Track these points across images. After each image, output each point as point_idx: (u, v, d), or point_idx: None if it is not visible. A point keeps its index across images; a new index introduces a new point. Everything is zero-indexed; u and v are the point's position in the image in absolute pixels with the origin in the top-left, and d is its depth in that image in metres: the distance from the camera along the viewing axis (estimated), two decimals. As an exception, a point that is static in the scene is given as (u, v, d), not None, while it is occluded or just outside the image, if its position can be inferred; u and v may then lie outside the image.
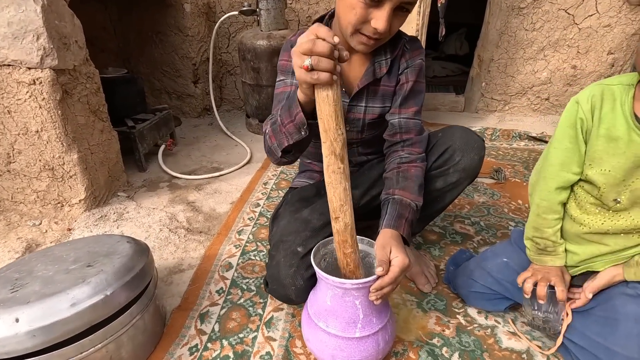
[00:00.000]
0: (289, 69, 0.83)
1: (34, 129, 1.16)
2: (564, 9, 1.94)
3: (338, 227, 0.64)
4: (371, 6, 0.66)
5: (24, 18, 1.05)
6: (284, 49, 0.85)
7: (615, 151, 0.63)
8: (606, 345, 0.67)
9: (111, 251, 0.76)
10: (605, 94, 0.64)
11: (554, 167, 0.70)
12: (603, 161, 0.65)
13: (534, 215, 0.76)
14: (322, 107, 0.55)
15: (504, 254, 0.87)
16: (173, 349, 0.80)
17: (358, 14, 0.67)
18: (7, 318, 0.59)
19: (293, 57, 0.55)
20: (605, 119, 0.64)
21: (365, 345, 0.69)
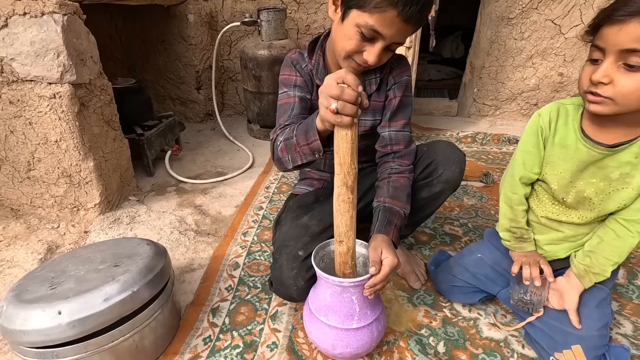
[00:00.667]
0: (290, 83, 0.92)
1: (54, 139, 1.25)
2: (551, 20, 2.04)
3: (341, 249, 0.73)
4: (365, 40, 0.75)
5: (46, 37, 1.14)
6: (284, 65, 0.93)
7: (565, 157, 0.75)
8: (562, 328, 0.78)
9: (133, 253, 0.85)
10: (561, 110, 0.75)
11: (519, 166, 0.81)
12: (556, 165, 0.77)
13: (507, 208, 0.86)
14: (340, 144, 0.63)
15: (478, 251, 0.97)
16: (189, 339, 0.89)
17: (353, 45, 0.76)
18: (51, 311, 0.68)
19: (321, 97, 0.63)
20: (559, 130, 0.75)
21: (361, 335, 0.78)
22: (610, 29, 0.60)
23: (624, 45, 0.59)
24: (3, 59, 1.15)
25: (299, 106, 0.89)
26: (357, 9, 0.71)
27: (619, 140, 0.70)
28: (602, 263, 0.77)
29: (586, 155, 0.73)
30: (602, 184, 0.74)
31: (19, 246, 1.23)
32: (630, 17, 0.57)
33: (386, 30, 0.72)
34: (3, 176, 1.35)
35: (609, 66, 0.61)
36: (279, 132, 0.84)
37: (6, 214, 1.39)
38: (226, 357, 0.85)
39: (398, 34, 0.74)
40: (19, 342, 0.70)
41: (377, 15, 0.70)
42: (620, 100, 0.62)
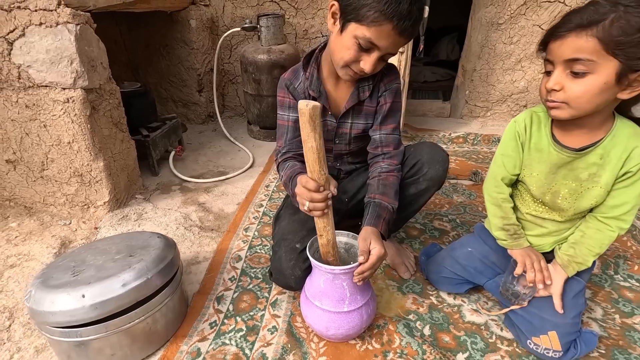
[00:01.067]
0: (285, 104, 1.01)
1: (66, 140, 1.33)
2: (538, 25, 2.13)
3: (322, 242, 0.84)
4: (362, 51, 0.83)
5: (60, 46, 1.22)
6: (279, 86, 1.01)
7: (540, 160, 0.83)
8: (540, 315, 0.86)
9: (145, 244, 0.94)
10: (534, 117, 0.84)
11: (500, 168, 0.89)
12: (533, 167, 0.85)
13: (496, 208, 0.92)
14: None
15: (469, 245, 1.05)
16: (196, 324, 0.98)
17: (351, 55, 0.84)
18: (76, 295, 0.76)
19: (297, 197, 0.80)
20: (534, 135, 0.84)
21: (351, 317, 0.87)
22: (554, 44, 0.70)
23: (567, 56, 0.68)
24: (20, 66, 1.23)
25: (293, 129, 1.01)
26: (355, 22, 0.79)
27: (584, 144, 0.78)
28: (584, 253, 0.84)
29: (557, 158, 0.81)
30: (574, 184, 0.82)
31: (34, 241, 1.31)
32: (568, 32, 0.68)
33: (382, 42, 0.80)
34: (17, 176, 1.43)
35: (558, 75, 0.70)
36: (280, 162, 0.99)
37: (20, 212, 1.47)
38: (231, 339, 0.94)
39: (392, 45, 0.82)
40: (47, 323, 0.78)
41: (374, 28, 0.78)
42: (573, 104, 0.71)
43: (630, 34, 0.63)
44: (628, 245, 1.30)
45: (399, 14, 0.76)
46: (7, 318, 1.00)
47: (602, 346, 0.93)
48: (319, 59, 0.98)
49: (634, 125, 0.78)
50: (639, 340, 0.94)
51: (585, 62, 0.67)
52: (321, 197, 0.75)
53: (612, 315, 1.02)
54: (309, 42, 2.38)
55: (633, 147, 0.75)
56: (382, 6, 0.75)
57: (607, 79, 0.67)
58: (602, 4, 0.66)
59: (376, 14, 0.76)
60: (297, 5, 2.28)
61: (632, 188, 0.77)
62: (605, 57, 0.66)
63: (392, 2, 0.75)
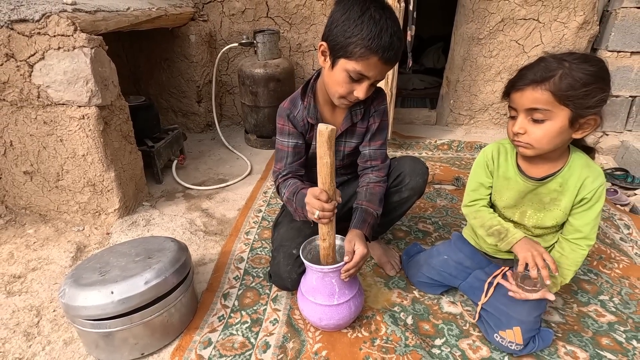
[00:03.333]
0: (284, 132, 1.11)
1: (81, 153, 1.44)
2: (515, 40, 2.30)
3: (324, 245, 0.96)
4: (353, 81, 0.94)
5: (76, 68, 1.34)
6: (279, 115, 1.11)
7: (508, 187, 0.97)
8: (508, 312, 0.98)
9: (161, 248, 1.06)
10: (501, 149, 0.98)
11: (472, 187, 1.04)
12: (502, 193, 0.99)
13: (472, 219, 1.03)
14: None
15: (445, 253, 1.18)
16: (206, 317, 1.10)
17: (345, 88, 0.95)
18: (106, 291, 0.88)
19: (309, 203, 0.90)
20: (501, 165, 0.97)
21: (341, 309, 1.00)
22: (515, 95, 0.84)
23: (527, 106, 0.82)
24: (40, 86, 1.35)
25: (292, 154, 1.12)
26: (345, 58, 0.91)
27: (545, 174, 0.92)
28: (564, 273, 0.96)
29: (523, 186, 0.94)
30: (538, 206, 0.95)
31: (51, 246, 1.42)
32: (526, 86, 0.81)
33: (370, 72, 0.92)
34: (34, 186, 1.54)
35: (522, 121, 0.84)
36: (280, 182, 1.11)
37: (35, 219, 1.58)
38: (237, 330, 1.06)
39: (380, 73, 0.94)
40: (80, 316, 0.90)
41: (362, 62, 0.90)
42: (536, 145, 0.84)
43: (576, 88, 0.77)
44: (591, 243, 1.45)
45: (382, 47, 0.88)
46: (35, 315, 1.11)
47: (560, 330, 1.07)
48: (315, 89, 1.10)
49: (585, 157, 0.92)
50: (591, 325, 1.09)
51: (543, 111, 0.80)
52: (331, 207, 0.87)
53: (570, 305, 1.17)
54: (303, 55, 2.52)
55: (585, 177, 0.88)
56: (366, 42, 0.87)
57: (562, 124, 0.81)
58: (550, 61, 0.79)
59: (362, 49, 0.88)
60: (290, 21, 2.42)
61: (590, 211, 0.91)
62: (558, 106, 0.79)
63: (374, 37, 0.87)
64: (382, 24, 0.87)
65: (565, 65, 0.78)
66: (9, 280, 1.25)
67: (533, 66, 0.82)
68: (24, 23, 1.29)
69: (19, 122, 1.41)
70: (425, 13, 3.80)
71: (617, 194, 1.87)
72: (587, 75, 0.77)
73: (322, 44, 0.95)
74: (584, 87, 0.77)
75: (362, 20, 0.87)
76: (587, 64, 0.78)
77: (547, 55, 0.83)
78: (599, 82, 0.78)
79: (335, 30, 0.91)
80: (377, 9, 0.87)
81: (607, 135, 2.33)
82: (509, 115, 0.88)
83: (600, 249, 1.41)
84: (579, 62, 0.78)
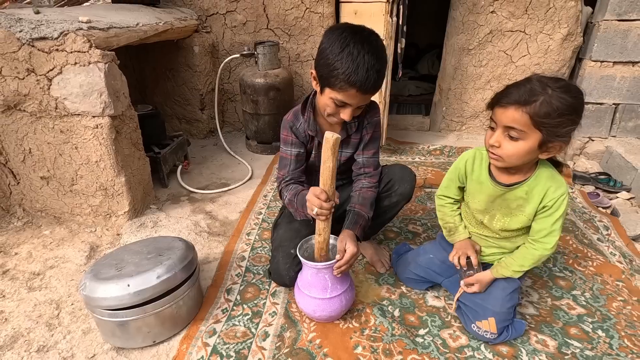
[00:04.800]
0: (288, 142, 1.22)
1: (94, 159, 1.55)
2: (503, 51, 2.41)
3: (319, 239, 1.06)
4: (338, 106, 1.05)
5: (91, 81, 1.45)
6: (283, 126, 1.22)
7: (480, 190, 1.07)
8: (483, 305, 1.08)
9: (171, 246, 1.17)
10: (477, 155, 1.07)
11: (444, 184, 1.15)
12: (475, 195, 1.09)
13: (439, 212, 1.19)
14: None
15: (431, 252, 1.27)
16: (211, 310, 1.21)
17: (331, 109, 1.07)
18: (123, 284, 0.99)
19: (309, 200, 0.99)
20: (475, 170, 1.07)
21: (333, 302, 1.10)
22: (498, 110, 0.90)
23: (506, 123, 0.88)
24: (57, 98, 1.46)
25: (294, 161, 1.23)
26: (329, 88, 1.02)
27: (513, 181, 1.01)
28: (508, 262, 1.06)
29: (492, 190, 1.04)
30: (506, 211, 1.05)
31: (66, 246, 1.53)
32: (510, 105, 0.87)
33: (351, 100, 1.03)
34: (50, 190, 1.65)
35: (499, 135, 0.91)
36: (283, 187, 1.22)
37: (50, 221, 1.69)
38: (239, 321, 1.17)
39: (361, 101, 1.05)
40: (99, 307, 1.00)
41: (343, 93, 1.00)
42: (506, 159, 0.93)
43: (552, 117, 0.84)
44: (570, 243, 1.56)
45: (359, 81, 0.97)
46: (55, 308, 1.22)
47: (533, 322, 1.17)
48: (314, 104, 1.20)
49: (552, 170, 1.00)
50: (562, 317, 1.19)
51: (519, 131, 0.87)
52: (328, 206, 0.97)
53: (545, 299, 1.27)
54: (301, 64, 2.64)
55: (548, 187, 0.97)
56: (345, 77, 0.97)
57: (532, 145, 0.88)
58: (536, 84, 0.85)
59: (342, 82, 0.98)
60: (290, 32, 2.55)
61: (548, 218, 0.99)
62: (533, 129, 0.86)
63: (351, 73, 0.96)
64: (359, 60, 0.96)
65: (547, 92, 0.84)
66: (30, 277, 1.36)
67: (520, 86, 0.87)
68: (43, 41, 1.40)
69: (37, 131, 1.53)
70: (423, 23, 3.93)
71: (599, 197, 1.97)
72: (564, 106, 0.84)
73: (312, 71, 1.07)
74: (559, 117, 0.84)
75: (341, 57, 0.97)
76: (567, 95, 0.84)
77: (534, 77, 0.88)
78: (573, 114, 0.85)
79: (321, 62, 1.02)
80: (356, 44, 0.97)
81: (593, 141, 2.43)
82: (489, 125, 0.97)
83: (577, 249, 1.52)
84: (560, 91, 0.84)
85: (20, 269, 1.40)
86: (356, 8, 2.01)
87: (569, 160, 2.43)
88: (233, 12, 2.52)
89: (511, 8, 2.29)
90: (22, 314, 1.20)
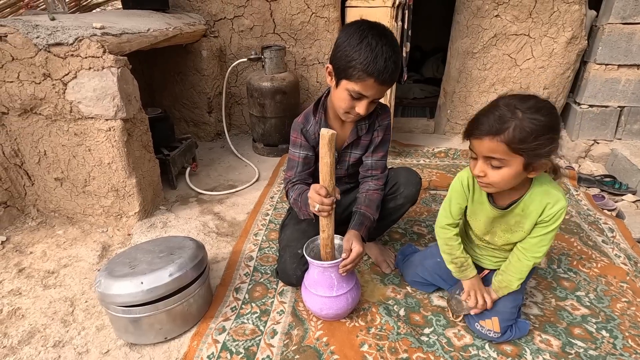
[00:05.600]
0: (296, 144, 1.25)
1: (106, 161, 1.60)
2: (508, 54, 2.43)
3: (324, 235, 1.09)
4: (354, 99, 1.07)
5: (105, 85, 1.50)
6: (293, 128, 1.25)
7: (481, 211, 1.07)
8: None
9: (181, 246, 1.20)
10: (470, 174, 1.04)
11: (446, 212, 1.10)
12: (476, 215, 1.09)
13: (444, 245, 1.12)
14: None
15: (437, 256, 1.26)
16: (220, 308, 1.24)
17: (347, 104, 1.08)
18: (137, 282, 1.02)
19: (310, 197, 1.01)
20: (476, 191, 1.06)
21: (339, 300, 1.13)
22: (474, 141, 0.90)
23: (485, 153, 0.88)
24: (72, 102, 1.51)
25: (302, 164, 1.25)
26: (346, 80, 1.04)
27: (509, 202, 1.02)
28: (508, 279, 1.06)
29: (492, 212, 1.04)
30: (505, 227, 1.06)
31: (79, 246, 1.57)
32: (484, 135, 0.86)
33: (368, 92, 1.05)
34: (63, 191, 1.69)
35: (481, 164, 0.91)
36: (289, 187, 1.24)
37: (63, 221, 1.73)
38: (248, 319, 1.20)
39: (377, 93, 1.07)
40: (113, 303, 1.04)
41: (360, 83, 1.02)
42: (495, 186, 0.93)
43: (528, 141, 0.82)
44: (574, 245, 1.57)
45: (377, 71, 1.00)
46: (69, 305, 1.26)
47: (537, 322, 1.19)
48: (325, 105, 1.23)
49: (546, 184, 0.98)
50: (566, 317, 1.21)
51: (499, 159, 0.87)
52: (329, 202, 0.99)
53: (549, 300, 1.28)
54: (307, 68, 2.67)
55: (545, 203, 0.97)
56: (364, 67, 1.00)
57: (517, 169, 0.88)
58: (504, 110, 0.83)
59: (360, 72, 1.01)
60: (296, 37, 2.58)
61: (542, 229, 0.99)
62: (513, 155, 0.85)
63: (370, 62, 0.99)
64: (377, 50, 0.99)
65: (518, 116, 0.82)
66: (44, 275, 1.40)
67: (489, 114, 0.86)
68: (59, 46, 1.45)
69: (52, 133, 1.57)
70: (428, 27, 3.95)
71: (604, 199, 1.98)
72: (538, 127, 0.82)
73: (328, 66, 1.10)
74: (536, 140, 0.82)
75: (360, 47, 1.00)
76: (539, 114, 0.82)
77: (501, 102, 0.86)
78: (549, 132, 0.83)
79: (338, 55, 1.05)
80: (374, 36, 1.00)
81: (598, 144, 2.44)
82: (470, 156, 0.96)
83: (581, 250, 1.53)
84: (531, 112, 0.82)
85: (36, 267, 1.45)
86: (362, 13, 2.04)
87: (573, 163, 2.44)
88: (240, 17, 2.57)
89: (515, 12, 2.31)
90: (38, 310, 1.24)
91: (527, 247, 1.04)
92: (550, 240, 1.01)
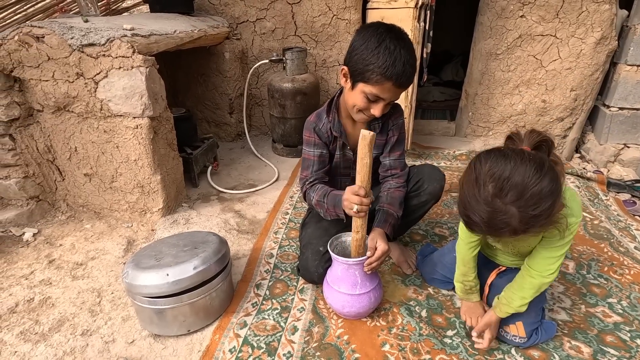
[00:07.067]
0: (310, 142, 1.25)
1: (133, 158, 1.64)
2: (533, 55, 2.38)
3: (357, 237, 1.08)
4: (370, 102, 1.07)
5: (133, 84, 1.54)
6: (306, 127, 1.25)
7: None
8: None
9: (205, 241, 1.22)
10: None
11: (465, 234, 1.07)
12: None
13: (461, 264, 1.09)
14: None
15: (454, 251, 1.27)
16: (241, 303, 1.25)
17: (362, 105, 1.08)
18: (162, 274, 1.05)
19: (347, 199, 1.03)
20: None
21: (362, 299, 1.12)
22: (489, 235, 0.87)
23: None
24: (102, 100, 1.56)
25: (318, 162, 1.25)
26: (362, 82, 1.04)
27: None
28: (508, 296, 1.01)
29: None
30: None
31: (105, 240, 1.62)
32: (492, 235, 0.83)
33: (385, 95, 1.05)
34: (91, 186, 1.75)
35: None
36: (308, 188, 1.23)
37: (91, 216, 1.79)
38: (269, 315, 1.20)
39: (394, 95, 1.07)
40: (140, 294, 1.06)
41: (378, 86, 1.02)
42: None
43: (535, 227, 0.77)
44: (604, 250, 1.51)
45: (396, 74, 1.00)
46: (96, 296, 1.30)
47: (566, 328, 1.15)
48: (338, 105, 1.23)
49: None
50: (597, 324, 1.16)
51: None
52: (368, 202, 1.00)
53: (578, 306, 1.24)
54: (327, 70, 2.69)
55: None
56: (382, 70, 1.00)
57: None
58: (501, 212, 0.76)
59: (378, 76, 1.01)
60: (317, 39, 2.60)
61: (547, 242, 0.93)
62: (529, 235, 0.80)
63: (389, 66, 0.99)
64: (396, 54, 0.99)
65: (511, 212, 0.75)
66: (73, 267, 1.45)
67: (478, 224, 0.80)
68: (92, 47, 1.51)
69: (83, 130, 1.63)
70: (446, 29, 3.92)
71: (635, 205, 1.90)
72: (538, 213, 0.75)
73: (343, 67, 1.09)
74: (540, 224, 0.77)
75: (378, 51, 0.99)
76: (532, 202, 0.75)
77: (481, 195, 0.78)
78: (550, 208, 0.76)
79: (355, 58, 1.04)
80: (392, 39, 1.00)
81: (629, 148, 2.35)
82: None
83: (612, 256, 1.47)
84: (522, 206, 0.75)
85: (65, 259, 1.50)
86: (383, 14, 2.04)
87: (602, 167, 2.36)
88: (262, 19, 2.61)
89: (541, 12, 2.26)
90: (67, 300, 1.28)
91: (533, 263, 0.97)
92: (560, 258, 0.94)
